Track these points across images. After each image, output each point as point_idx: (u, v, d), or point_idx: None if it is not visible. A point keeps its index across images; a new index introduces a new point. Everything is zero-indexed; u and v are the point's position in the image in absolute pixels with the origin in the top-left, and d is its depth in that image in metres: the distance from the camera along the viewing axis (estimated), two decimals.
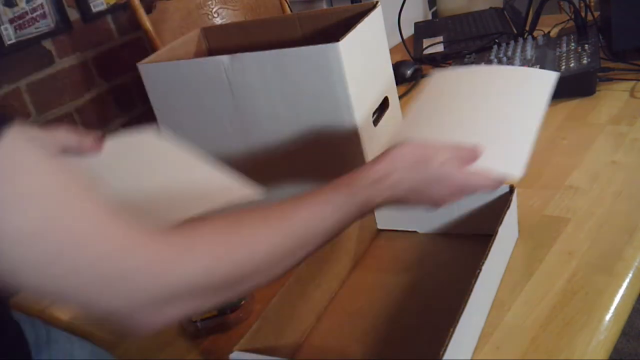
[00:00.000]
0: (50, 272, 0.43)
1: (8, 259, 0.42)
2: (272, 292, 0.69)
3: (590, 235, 0.78)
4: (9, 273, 0.43)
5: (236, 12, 1.84)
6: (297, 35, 1.04)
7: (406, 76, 1.42)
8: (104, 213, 0.46)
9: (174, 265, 0.47)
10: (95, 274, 0.44)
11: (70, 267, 0.44)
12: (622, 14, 1.19)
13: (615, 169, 0.91)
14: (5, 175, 0.42)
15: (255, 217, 0.56)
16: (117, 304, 0.46)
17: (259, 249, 0.54)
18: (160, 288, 0.47)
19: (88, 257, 0.44)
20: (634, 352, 1.69)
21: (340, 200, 0.60)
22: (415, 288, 0.77)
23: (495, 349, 0.65)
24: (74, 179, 0.46)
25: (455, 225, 0.84)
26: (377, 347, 0.69)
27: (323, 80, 0.85)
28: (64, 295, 0.45)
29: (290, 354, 0.70)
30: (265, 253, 0.54)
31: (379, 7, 0.96)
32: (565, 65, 1.16)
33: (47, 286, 0.44)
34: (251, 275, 0.53)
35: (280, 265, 0.56)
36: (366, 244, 0.87)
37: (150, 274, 0.46)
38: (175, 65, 0.92)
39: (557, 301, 0.69)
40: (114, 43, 2.11)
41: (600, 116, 1.06)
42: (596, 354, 0.62)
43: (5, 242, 0.42)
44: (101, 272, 0.44)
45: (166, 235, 0.49)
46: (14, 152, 0.42)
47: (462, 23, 1.68)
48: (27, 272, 0.43)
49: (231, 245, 0.52)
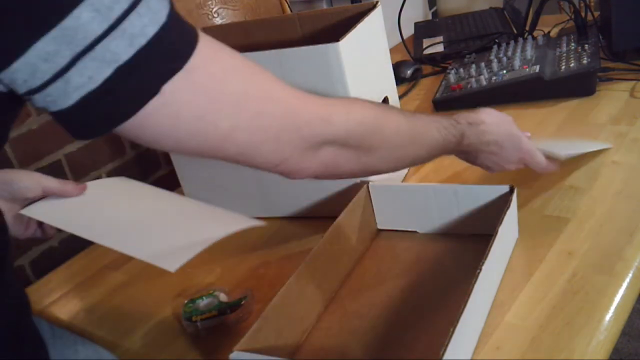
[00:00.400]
0: (257, 123, 0.53)
1: (225, 119, 0.51)
2: (272, 292, 0.69)
3: (590, 235, 0.78)
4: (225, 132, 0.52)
5: (236, 12, 1.84)
6: (297, 35, 1.04)
7: (406, 76, 1.42)
8: (283, 84, 0.57)
9: (338, 116, 0.59)
10: (285, 123, 0.55)
11: (270, 120, 0.54)
12: (622, 14, 1.20)
13: (615, 169, 0.91)
14: (217, 56, 0.53)
15: (389, 107, 0.71)
16: (295, 144, 0.56)
17: (391, 125, 0.66)
18: (326, 130, 0.58)
19: (282, 110, 0.55)
20: (634, 352, 1.69)
21: (447, 123, 0.72)
22: (415, 288, 0.77)
23: (495, 349, 0.65)
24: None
25: (455, 225, 0.84)
26: (377, 347, 0.69)
27: (323, 80, 0.85)
28: (256, 147, 0.55)
29: (290, 354, 0.70)
30: (396, 130, 0.66)
31: (379, 7, 0.96)
32: (565, 65, 1.16)
33: (247, 140, 0.53)
34: (380, 145, 0.64)
35: (399, 152, 0.68)
36: (366, 244, 0.87)
37: (321, 121, 0.58)
38: None
39: (557, 301, 0.69)
40: None
41: (600, 116, 1.06)
42: (596, 354, 0.62)
43: (226, 104, 0.51)
44: (288, 122, 0.55)
45: (327, 100, 0.60)
46: (212, 41, 0.53)
47: (462, 23, 1.68)
48: (237, 130, 0.52)
49: (374, 114, 0.64)
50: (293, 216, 0.98)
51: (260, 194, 0.98)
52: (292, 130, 0.56)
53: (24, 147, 1.86)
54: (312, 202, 0.96)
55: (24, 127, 1.92)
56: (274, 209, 0.99)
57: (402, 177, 1.02)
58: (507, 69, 1.23)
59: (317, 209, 0.96)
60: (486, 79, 1.22)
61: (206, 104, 0.50)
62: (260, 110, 0.53)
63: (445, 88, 1.27)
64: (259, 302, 0.80)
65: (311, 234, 0.92)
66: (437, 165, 1.04)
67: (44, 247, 2.01)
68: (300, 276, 0.72)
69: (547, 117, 1.11)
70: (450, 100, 1.23)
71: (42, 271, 1.09)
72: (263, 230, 0.97)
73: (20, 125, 1.90)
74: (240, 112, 0.52)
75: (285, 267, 0.87)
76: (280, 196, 0.97)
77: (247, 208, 1.00)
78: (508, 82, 1.18)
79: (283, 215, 0.99)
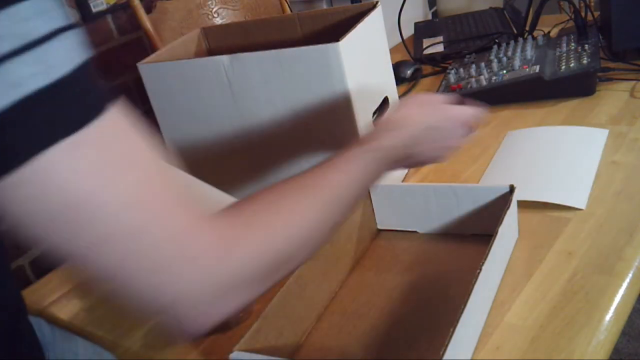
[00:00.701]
0: (131, 247, 0.42)
1: (94, 232, 0.40)
2: (272, 292, 0.69)
3: (590, 235, 0.78)
4: (85, 249, 0.41)
5: (236, 12, 1.84)
6: (297, 35, 1.04)
7: (406, 76, 1.42)
8: (173, 196, 0.45)
9: (236, 246, 0.47)
10: (165, 255, 0.43)
11: (149, 243, 0.42)
12: (622, 14, 1.19)
13: (615, 169, 0.91)
14: (105, 142, 0.41)
15: (295, 188, 0.56)
16: (185, 288, 0.44)
17: (305, 220, 0.53)
18: (226, 270, 0.46)
19: (156, 239, 0.43)
20: (634, 352, 1.69)
21: (360, 152, 0.62)
22: (415, 288, 0.77)
23: (495, 349, 0.65)
24: (158, 161, 0.45)
25: (455, 225, 0.84)
26: (377, 347, 0.69)
27: (323, 80, 0.85)
28: (134, 278, 0.43)
29: (290, 354, 0.70)
30: (310, 223, 0.54)
31: (379, 7, 0.96)
32: (565, 65, 1.16)
33: (118, 266, 0.42)
34: (299, 250, 0.53)
35: (322, 234, 0.56)
36: (366, 244, 0.87)
37: (215, 256, 0.45)
38: (175, 65, 0.92)
39: (557, 301, 0.69)
40: (114, 43, 2.11)
41: (600, 116, 1.06)
42: (596, 354, 0.62)
43: (98, 210, 0.40)
44: (170, 254, 0.43)
45: (222, 217, 0.48)
46: (117, 122, 0.42)
47: (462, 23, 1.68)
48: (108, 248, 0.41)
49: (283, 220, 0.52)
50: None
51: None
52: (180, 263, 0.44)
53: None
54: None
55: None
56: None
57: (402, 177, 1.02)
58: (507, 69, 1.23)
59: None
60: (486, 79, 1.22)
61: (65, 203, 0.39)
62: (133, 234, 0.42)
63: (445, 88, 1.27)
64: (259, 302, 0.79)
65: None
66: (437, 165, 1.04)
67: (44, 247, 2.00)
68: (300, 276, 0.72)
69: (547, 117, 1.11)
70: None
71: (42, 271, 1.09)
72: None
73: None
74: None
75: None
76: None
77: None
78: (508, 82, 1.18)
79: None
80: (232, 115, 0.92)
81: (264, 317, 0.66)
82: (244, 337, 0.63)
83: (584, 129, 1.02)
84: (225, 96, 0.91)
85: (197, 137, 0.97)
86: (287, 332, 0.70)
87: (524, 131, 1.07)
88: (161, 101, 0.96)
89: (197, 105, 0.93)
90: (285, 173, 0.94)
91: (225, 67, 0.88)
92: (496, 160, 1.00)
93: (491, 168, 0.98)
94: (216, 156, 0.97)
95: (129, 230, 0.42)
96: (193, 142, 0.98)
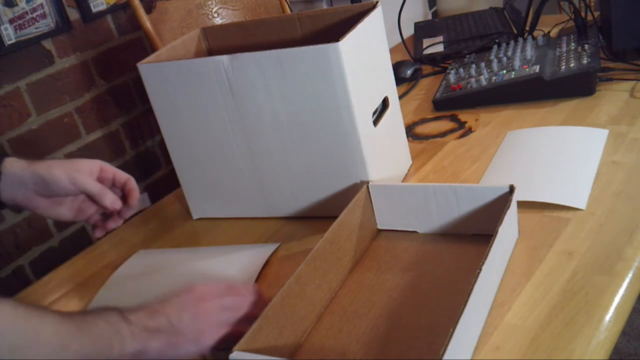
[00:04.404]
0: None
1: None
2: (272, 292, 0.69)
3: (590, 235, 0.78)
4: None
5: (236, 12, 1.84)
6: (297, 35, 1.04)
7: (406, 76, 1.42)
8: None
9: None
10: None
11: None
12: (622, 14, 1.20)
13: (615, 169, 0.91)
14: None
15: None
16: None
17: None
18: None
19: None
20: (634, 352, 1.69)
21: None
22: (415, 288, 0.77)
23: (495, 349, 0.65)
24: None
25: (455, 225, 0.84)
26: (377, 347, 0.69)
27: (323, 80, 0.85)
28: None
29: (290, 354, 0.70)
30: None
31: (379, 7, 0.96)
32: (565, 65, 1.16)
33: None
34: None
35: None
36: (366, 244, 0.87)
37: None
38: (175, 65, 0.92)
39: (557, 301, 0.69)
40: (114, 43, 2.11)
41: (600, 116, 1.06)
42: (596, 354, 0.62)
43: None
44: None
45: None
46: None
47: (462, 23, 1.68)
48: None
49: None
50: (293, 216, 0.98)
51: (260, 194, 0.98)
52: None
53: (24, 147, 1.86)
54: (312, 202, 0.96)
55: (24, 127, 1.91)
56: (274, 209, 0.99)
57: (402, 177, 1.02)
58: (507, 69, 1.23)
59: (317, 209, 0.96)
60: (486, 79, 1.22)
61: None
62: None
63: (445, 88, 1.27)
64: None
65: (311, 234, 0.92)
66: (437, 165, 1.04)
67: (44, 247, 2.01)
68: (300, 276, 0.72)
69: (547, 117, 1.11)
70: (450, 100, 1.23)
71: (42, 271, 1.09)
72: (263, 231, 0.97)
73: (20, 125, 1.89)
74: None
75: (285, 267, 0.87)
76: (280, 196, 0.97)
77: (247, 208, 1.00)
78: (508, 82, 1.18)
79: (283, 215, 0.99)
80: (232, 115, 0.92)
81: (264, 317, 0.66)
82: (244, 337, 0.63)
83: (584, 129, 1.02)
84: (225, 96, 0.91)
85: (197, 137, 0.97)
86: (287, 332, 0.70)
87: (524, 131, 1.07)
88: (161, 101, 0.96)
89: (197, 105, 0.93)
90: (285, 173, 0.94)
91: (225, 67, 0.88)
92: (496, 160, 1.00)
93: (491, 168, 0.98)
94: (216, 156, 0.97)
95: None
96: (193, 142, 0.98)
